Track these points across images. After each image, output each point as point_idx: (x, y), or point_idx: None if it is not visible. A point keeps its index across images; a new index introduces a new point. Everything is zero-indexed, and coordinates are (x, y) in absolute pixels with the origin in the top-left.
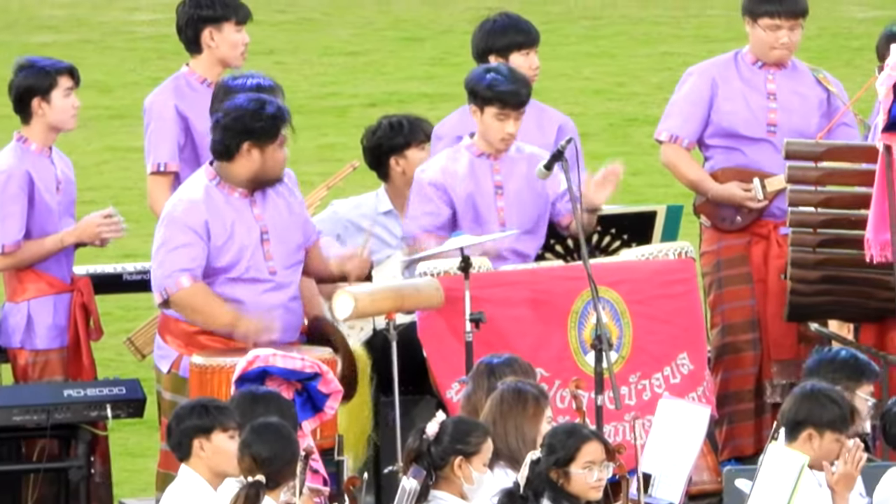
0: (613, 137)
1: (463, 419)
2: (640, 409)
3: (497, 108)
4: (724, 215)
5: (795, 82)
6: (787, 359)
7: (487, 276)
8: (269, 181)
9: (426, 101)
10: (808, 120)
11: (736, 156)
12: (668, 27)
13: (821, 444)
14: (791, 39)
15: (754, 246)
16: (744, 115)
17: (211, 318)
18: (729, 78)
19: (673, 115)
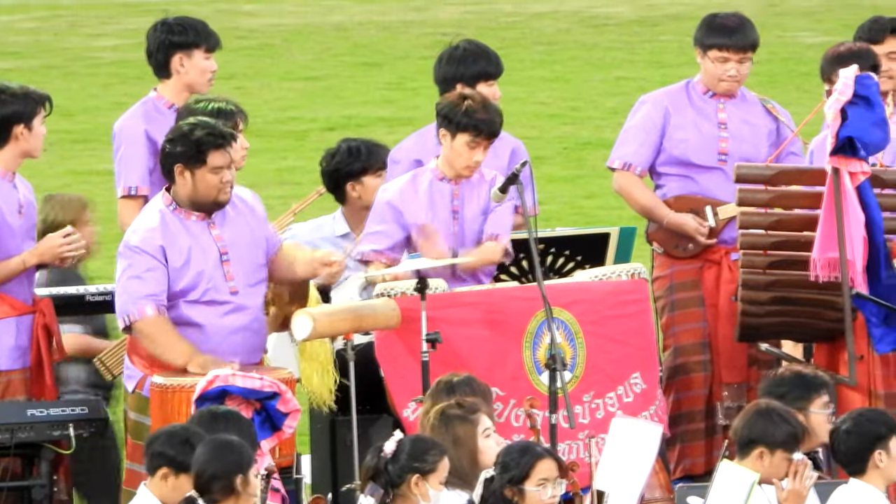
0: (568, 161)
1: (420, 438)
2: (593, 428)
3: (471, 135)
4: (677, 243)
5: (745, 112)
6: (737, 382)
7: (443, 296)
8: (208, 205)
9: (384, 126)
10: (758, 149)
11: (688, 184)
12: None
13: (771, 462)
14: (739, 72)
15: (706, 271)
16: (696, 143)
17: (168, 351)
18: (681, 107)
19: (626, 143)
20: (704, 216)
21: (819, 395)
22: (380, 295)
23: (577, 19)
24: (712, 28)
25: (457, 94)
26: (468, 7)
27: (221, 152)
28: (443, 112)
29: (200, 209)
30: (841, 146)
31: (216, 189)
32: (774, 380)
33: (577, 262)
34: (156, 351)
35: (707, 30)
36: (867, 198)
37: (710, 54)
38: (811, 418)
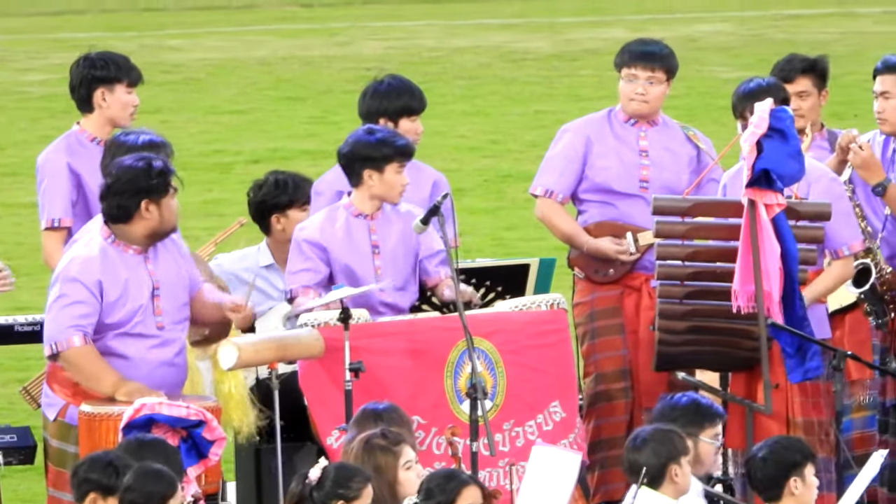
0: (488, 193)
1: (344, 465)
2: (513, 456)
3: (398, 161)
4: (598, 268)
5: (666, 139)
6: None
7: (366, 326)
8: (167, 233)
9: (307, 158)
10: (679, 176)
11: (609, 210)
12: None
13: (683, 471)
14: (648, 91)
15: (626, 298)
16: (617, 171)
17: (95, 380)
18: (602, 135)
19: (548, 171)
20: (625, 243)
21: (712, 426)
22: (304, 325)
23: (497, 54)
24: (625, 48)
25: (362, 130)
26: (390, 42)
27: (176, 178)
28: (361, 154)
29: (153, 242)
30: (757, 178)
31: (176, 214)
32: (670, 404)
33: (498, 292)
34: (83, 380)
35: (621, 51)
36: (782, 229)
37: (623, 73)
38: (700, 446)
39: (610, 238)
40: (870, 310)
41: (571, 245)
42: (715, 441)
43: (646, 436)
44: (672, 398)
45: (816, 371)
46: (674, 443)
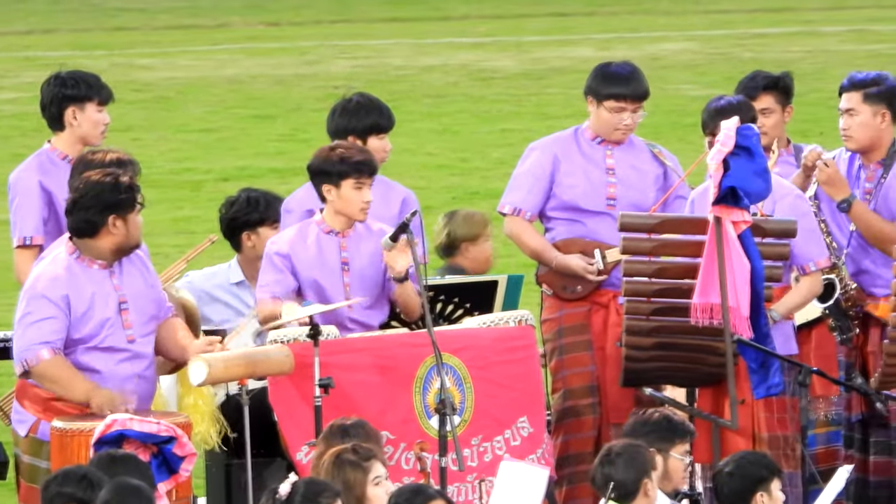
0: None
1: (314, 480)
2: (482, 471)
3: (354, 178)
4: (566, 284)
5: (633, 158)
6: (624, 422)
7: (336, 342)
8: (132, 248)
9: (276, 176)
10: (646, 194)
11: (577, 228)
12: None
13: (653, 487)
14: (633, 121)
15: (594, 314)
16: (584, 189)
17: (69, 389)
18: (570, 153)
19: (516, 189)
20: (592, 258)
21: (682, 442)
22: (273, 341)
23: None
24: (607, 78)
25: (325, 147)
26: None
27: (140, 195)
28: (319, 169)
29: (118, 256)
30: (723, 196)
31: (141, 230)
32: (642, 419)
33: (466, 309)
34: (56, 389)
35: (602, 80)
36: (748, 246)
37: (607, 104)
38: (669, 462)
39: (578, 255)
40: (834, 325)
41: (540, 262)
42: (685, 458)
43: (619, 450)
44: (644, 413)
45: (779, 387)
46: (645, 458)
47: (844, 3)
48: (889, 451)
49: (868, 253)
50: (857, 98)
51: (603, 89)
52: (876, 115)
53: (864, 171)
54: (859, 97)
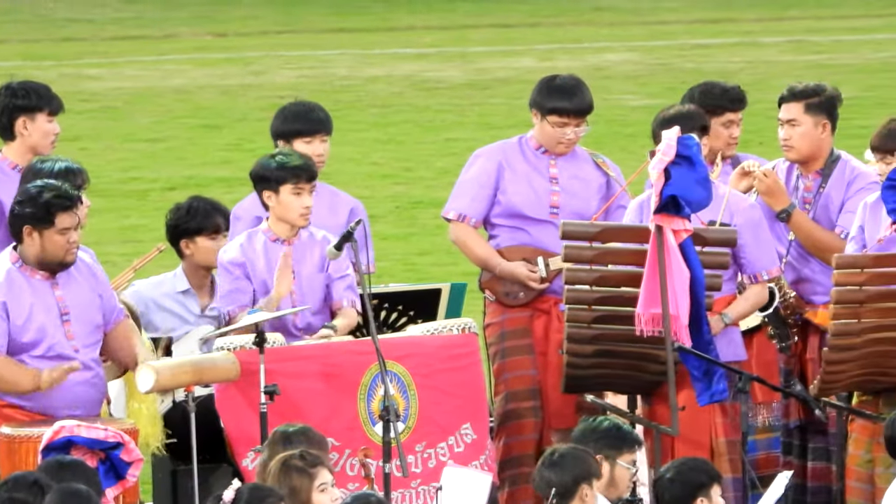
0: (400, 219)
1: (258, 486)
2: (426, 477)
3: (292, 183)
4: (509, 291)
5: (576, 168)
6: (565, 428)
7: (281, 350)
8: (54, 265)
9: (223, 185)
10: (589, 203)
11: (520, 235)
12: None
13: (592, 493)
14: (577, 134)
15: (536, 320)
16: (528, 197)
17: (14, 383)
18: (514, 161)
19: (461, 195)
20: (536, 266)
21: (630, 451)
22: (220, 348)
23: (409, 83)
24: (552, 92)
25: (265, 155)
26: (304, 71)
27: (69, 214)
28: (259, 175)
29: (46, 269)
30: (664, 204)
31: (63, 249)
32: (591, 425)
33: (410, 316)
34: (4, 387)
35: (547, 94)
36: (689, 255)
37: (550, 119)
38: (616, 470)
39: (522, 262)
40: (774, 333)
41: (484, 268)
42: (631, 466)
43: (561, 453)
44: (594, 420)
45: (723, 394)
46: (588, 463)
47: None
48: (827, 457)
49: (808, 262)
50: (798, 109)
51: (547, 103)
52: (817, 126)
53: (803, 180)
54: (800, 108)
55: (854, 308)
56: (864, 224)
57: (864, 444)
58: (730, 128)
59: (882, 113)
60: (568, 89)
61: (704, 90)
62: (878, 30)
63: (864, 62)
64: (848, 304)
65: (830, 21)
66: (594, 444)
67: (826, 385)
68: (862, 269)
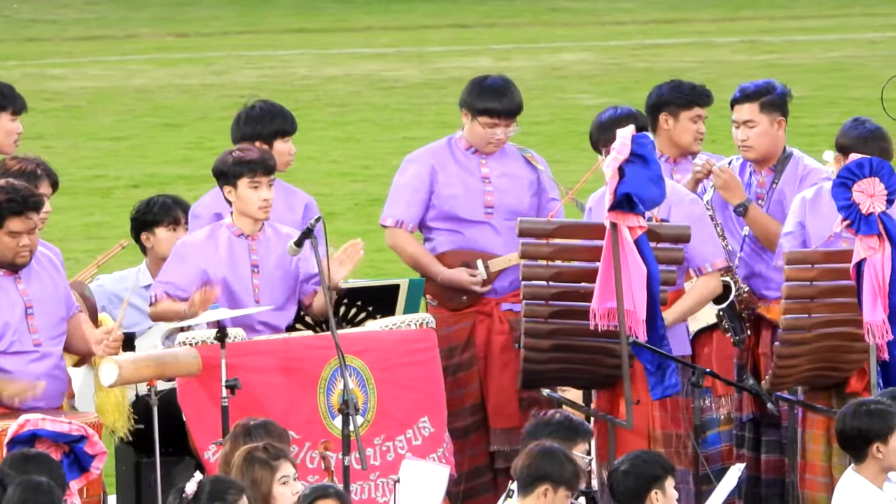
0: (359, 216)
1: (219, 478)
2: (384, 470)
3: (248, 177)
4: (451, 296)
5: (506, 166)
6: (508, 427)
7: (242, 345)
8: (7, 265)
9: (185, 183)
10: (521, 199)
11: (456, 238)
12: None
13: (554, 500)
14: (506, 135)
15: (479, 324)
16: (463, 198)
17: None
18: (446, 164)
19: (396, 202)
20: (476, 269)
21: (582, 442)
22: (182, 343)
23: (367, 82)
24: (483, 93)
25: (226, 150)
26: (264, 71)
27: (21, 219)
28: (219, 171)
29: (3, 266)
30: (619, 202)
31: (12, 252)
32: (542, 420)
33: (369, 312)
34: None
35: (478, 95)
36: (644, 251)
37: (481, 119)
38: None
39: (463, 268)
40: (728, 327)
41: (424, 275)
42: (585, 456)
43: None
44: (545, 414)
45: (675, 388)
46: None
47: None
48: (780, 450)
49: (761, 257)
50: (753, 109)
51: (478, 104)
52: (773, 124)
53: (756, 177)
54: (756, 108)
55: (805, 303)
56: (805, 220)
57: (822, 438)
58: (697, 122)
59: (831, 112)
60: (498, 90)
61: (674, 85)
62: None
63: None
64: (799, 300)
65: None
66: (547, 439)
67: (778, 379)
68: (813, 265)
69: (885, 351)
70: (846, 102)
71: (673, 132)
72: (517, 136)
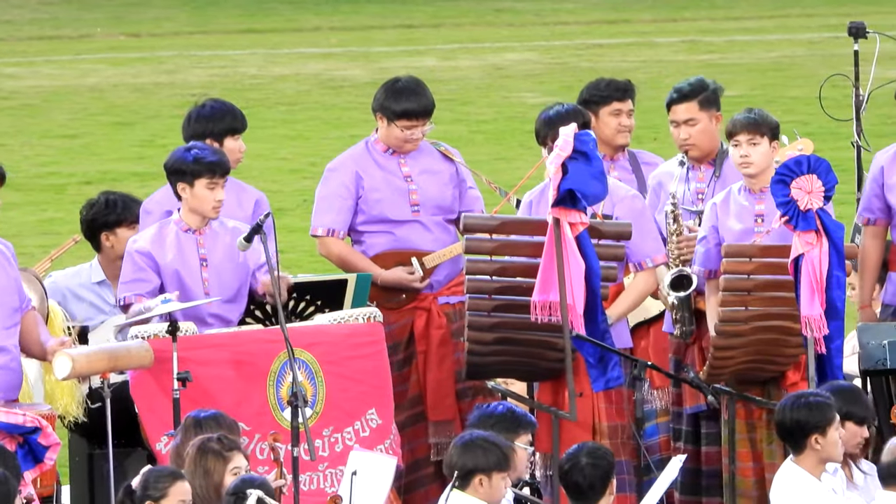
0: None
1: (154, 469)
2: (333, 461)
3: (207, 178)
4: (389, 296)
5: (424, 162)
6: (444, 420)
7: (193, 338)
8: None
9: (137, 180)
10: (444, 193)
11: (388, 238)
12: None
13: (490, 485)
14: (423, 133)
15: (418, 319)
16: (389, 200)
17: None
18: (368, 168)
19: (324, 211)
20: (411, 267)
21: (525, 433)
22: (134, 337)
23: (316, 82)
24: (398, 96)
25: (181, 148)
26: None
27: None
28: (174, 168)
29: None
30: (562, 198)
31: None
32: (486, 411)
33: (318, 306)
34: None
35: (394, 98)
36: (585, 247)
37: (399, 123)
38: (514, 453)
39: (401, 268)
40: (678, 317)
41: None
42: (528, 447)
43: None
44: (488, 406)
45: (618, 380)
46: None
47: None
48: (720, 442)
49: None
50: (693, 107)
51: (395, 107)
52: (711, 119)
53: (694, 172)
54: (695, 106)
55: (742, 296)
56: (717, 224)
57: (744, 426)
58: (618, 116)
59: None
60: (412, 92)
61: (591, 85)
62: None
63: (755, 61)
64: (736, 292)
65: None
66: (490, 430)
67: (714, 371)
68: (750, 259)
69: (822, 344)
70: (785, 101)
71: (596, 129)
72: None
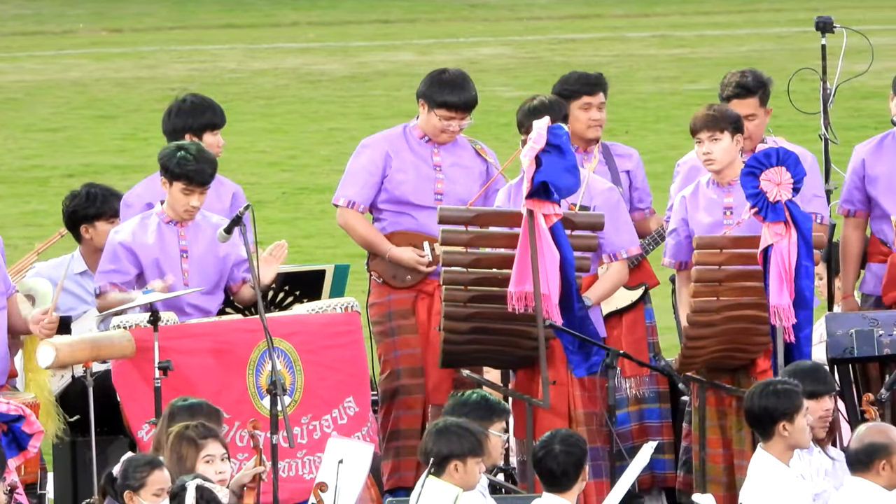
0: (286, 205)
1: (133, 457)
2: (311, 448)
3: (184, 184)
4: (396, 274)
5: (457, 156)
6: (442, 403)
7: (174, 328)
8: None
9: (118, 172)
10: (470, 189)
11: (406, 220)
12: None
13: (466, 471)
14: (461, 127)
15: (420, 301)
16: (414, 184)
17: None
18: (400, 150)
19: (350, 184)
20: (423, 250)
21: (499, 420)
22: (116, 326)
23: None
24: (442, 86)
25: (174, 145)
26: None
27: None
28: (162, 162)
29: None
30: (536, 190)
31: None
32: (460, 400)
33: (296, 296)
34: None
35: (437, 88)
36: (559, 238)
37: (438, 112)
38: (488, 439)
39: (411, 248)
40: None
41: (373, 252)
42: (502, 434)
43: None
44: (462, 394)
45: (599, 366)
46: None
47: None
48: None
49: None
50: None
51: (436, 97)
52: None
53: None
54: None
55: (713, 286)
56: (687, 216)
57: (715, 414)
58: (588, 110)
59: None
60: (457, 85)
61: (562, 79)
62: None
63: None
64: (707, 283)
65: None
66: (465, 417)
67: (687, 360)
68: (721, 250)
69: (791, 333)
70: None
71: (569, 122)
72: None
